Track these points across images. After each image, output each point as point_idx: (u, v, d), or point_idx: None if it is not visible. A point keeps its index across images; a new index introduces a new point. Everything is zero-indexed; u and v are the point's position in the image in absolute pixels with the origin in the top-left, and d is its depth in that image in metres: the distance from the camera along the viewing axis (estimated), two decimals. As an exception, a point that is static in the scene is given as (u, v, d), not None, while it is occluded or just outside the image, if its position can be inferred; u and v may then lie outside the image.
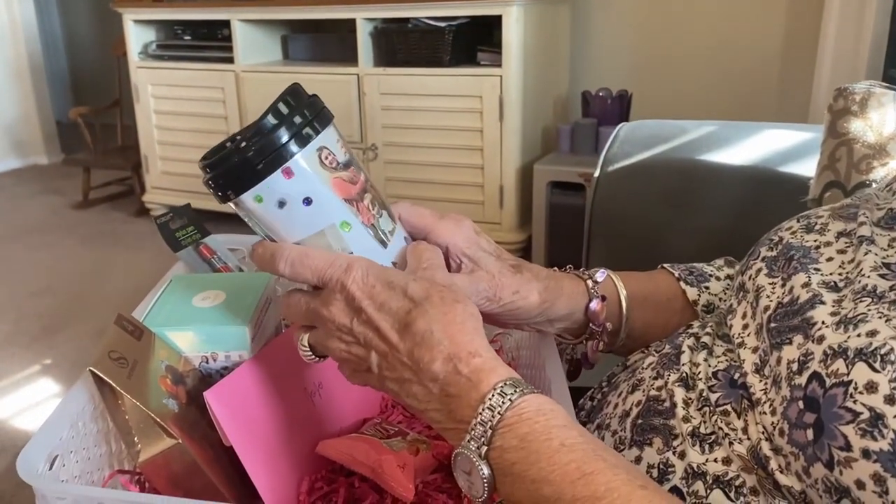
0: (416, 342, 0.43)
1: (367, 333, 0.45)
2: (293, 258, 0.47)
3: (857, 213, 0.52)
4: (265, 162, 0.44)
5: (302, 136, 0.45)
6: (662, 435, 0.50)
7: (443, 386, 0.43)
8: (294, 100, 0.46)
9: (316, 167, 0.46)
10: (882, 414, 0.37)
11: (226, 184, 0.45)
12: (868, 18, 2.03)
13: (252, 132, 0.45)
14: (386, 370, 0.45)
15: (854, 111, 0.83)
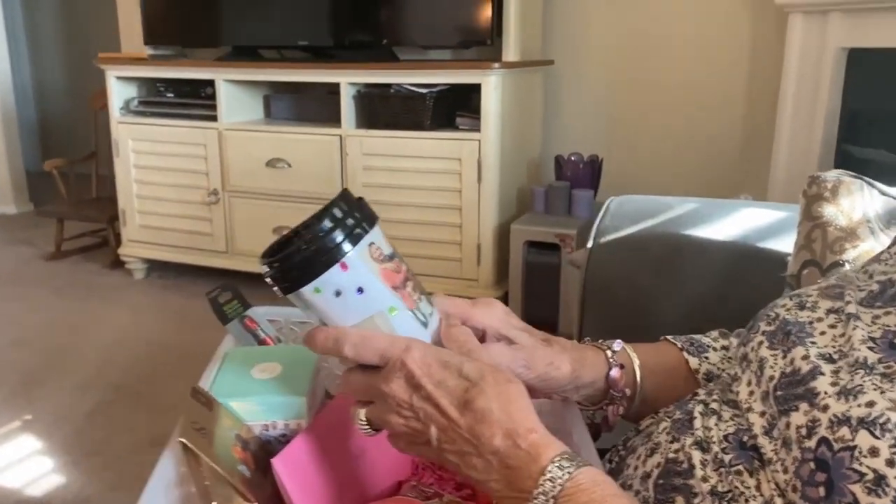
0: (477, 419, 0.50)
1: (426, 408, 0.51)
2: (356, 341, 0.53)
3: (843, 293, 0.61)
4: (325, 259, 0.51)
5: (354, 235, 0.52)
6: (684, 494, 0.56)
7: (502, 459, 0.49)
8: (346, 203, 0.53)
9: (367, 260, 0.53)
10: (884, 475, 0.44)
11: (290, 278, 0.52)
12: (822, 96, 2.19)
13: (312, 233, 0.51)
14: (445, 443, 0.51)
15: (826, 197, 0.94)
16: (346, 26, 2.78)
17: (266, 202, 2.78)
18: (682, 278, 1.10)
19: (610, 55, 2.76)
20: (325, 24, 2.79)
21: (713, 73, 2.62)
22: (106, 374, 2.22)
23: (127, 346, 2.43)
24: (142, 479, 0.56)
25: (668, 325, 0.82)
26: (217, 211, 2.86)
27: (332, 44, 2.77)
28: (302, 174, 2.70)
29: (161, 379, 2.20)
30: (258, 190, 2.78)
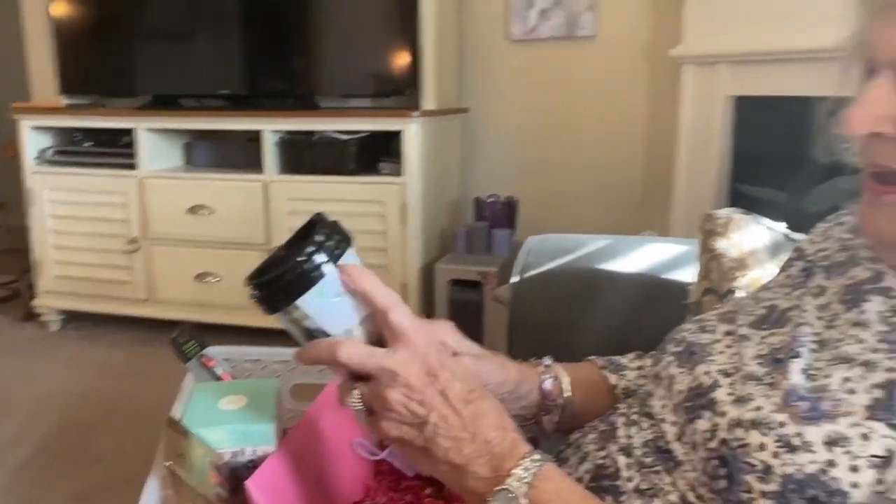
0: (478, 414, 0.58)
1: (434, 396, 0.58)
2: (351, 350, 0.59)
3: (736, 318, 0.72)
4: (317, 273, 0.58)
5: (339, 252, 0.60)
6: (612, 494, 0.65)
7: (492, 448, 0.58)
8: (325, 226, 0.61)
9: (360, 264, 0.61)
10: (771, 465, 0.54)
11: (283, 295, 0.58)
12: (714, 140, 2.40)
13: (308, 245, 0.58)
14: (442, 431, 0.58)
15: (720, 232, 1.07)
16: (266, 75, 2.84)
17: (188, 249, 2.78)
18: (598, 308, 1.21)
19: (521, 103, 2.93)
20: (245, 73, 2.85)
21: (617, 120, 2.82)
22: (31, 430, 2.16)
23: (50, 399, 2.36)
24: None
25: (588, 352, 0.92)
26: (137, 259, 2.83)
27: (253, 92, 2.82)
28: (225, 220, 2.72)
29: (87, 431, 2.15)
30: (180, 237, 2.77)
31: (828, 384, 0.56)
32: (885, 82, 0.55)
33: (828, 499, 0.51)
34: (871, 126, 0.56)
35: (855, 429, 0.52)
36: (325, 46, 2.78)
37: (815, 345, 0.62)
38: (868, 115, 0.55)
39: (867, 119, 0.56)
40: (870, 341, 0.58)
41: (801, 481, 0.52)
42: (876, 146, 0.57)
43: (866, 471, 0.51)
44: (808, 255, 0.75)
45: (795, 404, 0.56)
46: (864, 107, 0.56)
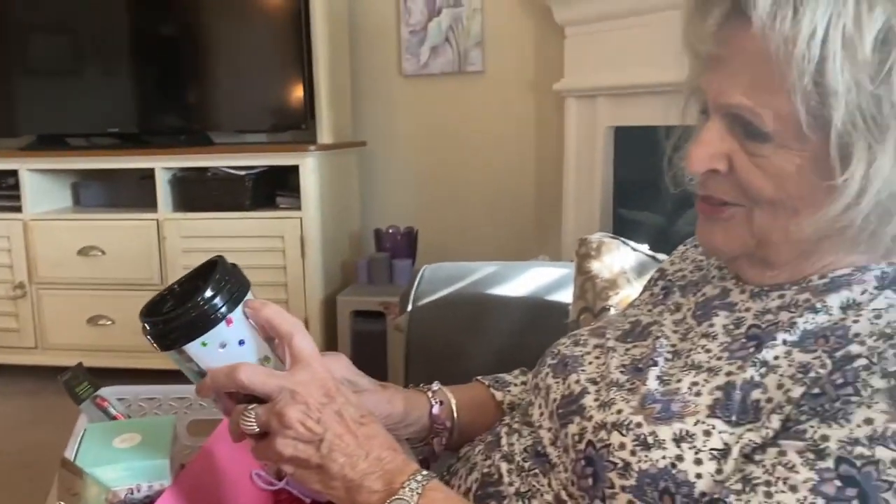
0: (369, 435, 0.62)
1: (331, 416, 0.61)
2: (249, 371, 0.61)
3: (605, 332, 0.79)
4: (215, 316, 0.61)
5: (237, 296, 0.62)
6: (496, 499, 0.71)
7: (384, 465, 0.61)
8: (225, 270, 0.63)
9: (243, 318, 0.63)
10: (629, 462, 0.61)
11: (179, 334, 0.60)
12: (597, 168, 2.54)
13: (210, 287, 0.60)
14: (337, 449, 0.61)
15: (593, 255, 1.15)
16: (158, 111, 2.81)
17: (79, 292, 2.69)
18: (489, 331, 1.27)
19: (417, 136, 3.01)
20: (136, 110, 2.80)
21: (508, 151, 2.94)
22: None
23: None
24: None
25: (480, 372, 0.98)
26: (24, 305, 2.71)
27: (145, 129, 2.78)
28: (117, 261, 2.65)
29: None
30: (70, 280, 2.68)
31: (679, 388, 0.64)
32: (716, 125, 0.63)
33: (676, 490, 0.58)
34: (707, 164, 0.64)
35: (699, 426, 0.60)
36: (219, 82, 2.78)
37: (671, 354, 0.70)
38: (704, 154, 0.64)
39: (704, 158, 0.64)
40: (715, 350, 0.66)
41: (655, 475, 0.59)
42: (711, 181, 0.66)
43: (708, 463, 0.58)
44: (668, 274, 0.84)
45: (651, 406, 0.63)
46: (700, 146, 0.64)
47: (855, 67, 0.54)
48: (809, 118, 0.57)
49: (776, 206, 0.62)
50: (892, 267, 0.63)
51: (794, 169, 0.60)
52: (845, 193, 0.57)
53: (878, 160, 0.56)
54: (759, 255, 0.67)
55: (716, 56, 0.63)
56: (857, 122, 0.55)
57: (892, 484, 0.51)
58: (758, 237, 0.65)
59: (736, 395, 0.60)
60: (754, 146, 0.61)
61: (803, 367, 0.58)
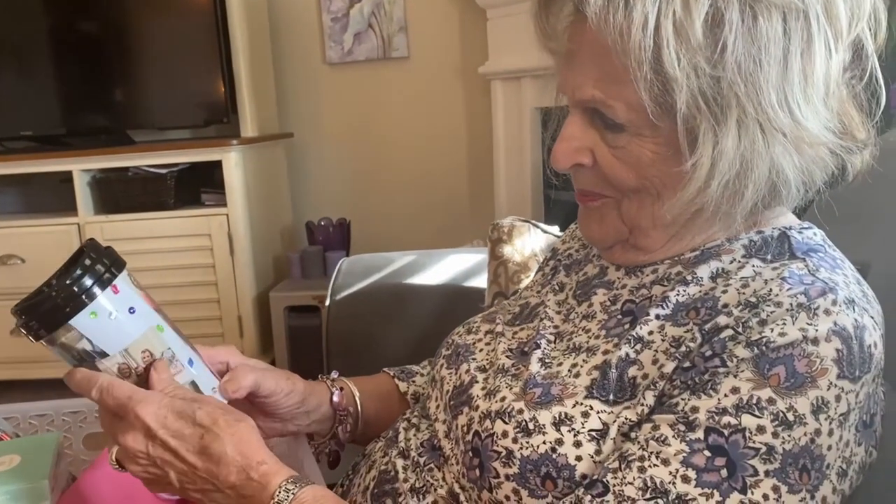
0: (213, 461, 0.59)
1: (164, 456, 0.60)
2: (103, 385, 0.60)
3: (496, 317, 0.79)
4: (99, 284, 0.60)
5: (120, 263, 0.62)
6: (392, 497, 0.70)
7: (239, 491, 0.59)
8: (96, 246, 0.62)
9: (131, 285, 0.63)
10: (511, 450, 0.60)
11: (62, 309, 0.59)
12: (526, 150, 2.55)
13: (75, 270, 0.59)
14: (188, 484, 0.60)
15: (504, 239, 1.15)
16: (75, 112, 2.70)
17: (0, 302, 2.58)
18: (407, 320, 1.26)
19: (344, 125, 2.97)
20: (52, 111, 2.69)
21: (437, 137, 2.92)
22: None
23: None
24: None
25: (401, 362, 0.97)
26: (-60, 319, 2.60)
27: (63, 131, 2.67)
28: (39, 268, 2.54)
29: None
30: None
31: (559, 371, 0.64)
32: (577, 118, 0.63)
33: (558, 474, 0.58)
34: (572, 159, 0.64)
35: (577, 408, 0.60)
36: (138, 79, 2.70)
37: (553, 336, 0.70)
38: (568, 150, 0.64)
39: (568, 153, 0.64)
40: (593, 330, 0.66)
41: (536, 461, 0.59)
42: (579, 175, 0.66)
43: (587, 444, 0.58)
44: (558, 253, 0.84)
45: (532, 391, 0.63)
46: (562, 142, 0.64)
47: (690, 52, 0.54)
48: (655, 106, 0.57)
49: (641, 194, 0.63)
50: (759, 235, 0.63)
51: (651, 157, 0.60)
52: (695, 177, 0.57)
53: (721, 142, 0.56)
54: (632, 242, 0.67)
55: (568, 52, 0.63)
56: (700, 106, 0.56)
57: (758, 451, 0.52)
58: (629, 225, 0.65)
59: (612, 373, 0.60)
60: (612, 137, 0.61)
61: (676, 341, 0.59)
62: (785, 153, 0.57)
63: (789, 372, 0.53)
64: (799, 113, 0.55)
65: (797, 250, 0.61)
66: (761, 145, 0.56)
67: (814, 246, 0.62)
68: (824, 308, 0.54)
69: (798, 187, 0.59)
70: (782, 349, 0.53)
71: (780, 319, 0.54)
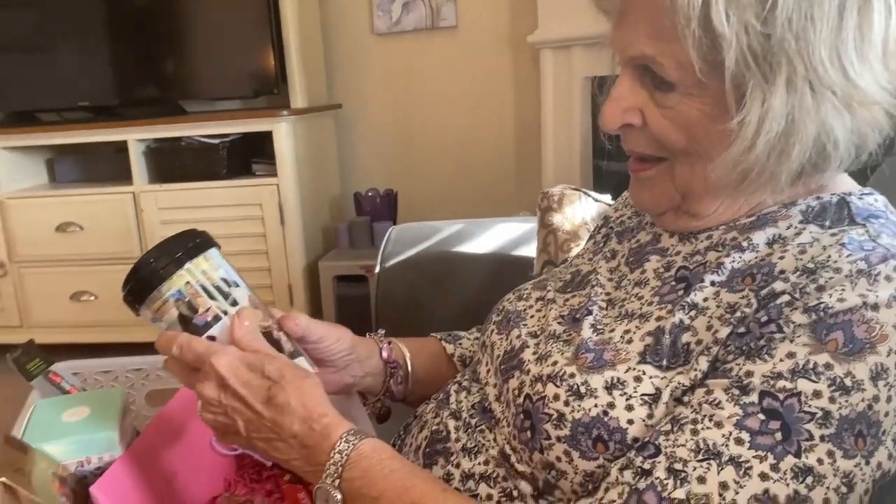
0: (278, 411, 0.62)
1: (233, 404, 0.62)
2: (182, 342, 0.63)
3: (547, 284, 0.79)
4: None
5: (211, 241, 0.69)
6: (444, 455, 0.71)
7: (301, 441, 0.61)
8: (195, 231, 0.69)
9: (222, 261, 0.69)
10: (563, 413, 0.61)
11: (208, 240, 0.68)
12: (575, 120, 2.52)
13: (193, 235, 0.68)
14: (253, 432, 0.62)
15: (554, 208, 1.15)
16: (130, 83, 2.76)
17: (60, 268, 2.68)
18: (454, 288, 1.27)
19: (392, 96, 2.97)
20: (107, 83, 2.75)
21: (485, 107, 2.90)
22: None
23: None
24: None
25: (448, 330, 0.98)
26: (6, 284, 2.71)
27: (117, 102, 2.74)
28: (96, 235, 2.64)
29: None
30: (50, 257, 2.67)
31: (611, 337, 0.64)
32: (627, 78, 0.63)
33: (609, 436, 0.58)
34: (621, 120, 0.64)
35: (630, 373, 0.60)
36: (190, 50, 2.74)
37: (605, 303, 0.70)
38: (616, 110, 0.63)
39: (617, 113, 0.64)
40: (646, 297, 0.66)
41: (587, 424, 0.59)
42: (629, 136, 0.65)
43: (639, 408, 0.58)
44: (610, 221, 0.83)
45: (584, 356, 0.63)
46: (613, 102, 0.63)
47: (739, 9, 0.54)
48: (703, 64, 0.56)
49: (691, 156, 0.62)
50: (817, 201, 0.62)
51: (699, 116, 0.60)
52: (741, 136, 0.57)
53: (769, 100, 0.55)
54: (685, 208, 0.67)
55: (621, 10, 0.63)
56: (749, 64, 0.55)
57: (814, 415, 0.51)
58: (682, 190, 0.65)
59: (665, 339, 0.60)
60: (662, 97, 0.61)
61: (731, 307, 0.58)
62: (835, 113, 0.55)
63: (848, 337, 0.52)
64: (852, 71, 0.54)
65: (857, 216, 0.60)
66: (810, 104, 0.55)
67: (875, 212, 0.61)
68: (885, 274, 0.54)
69: (848, 149, 0.58)
70: (841, 315, 0.53)
71: (839, 285, 0.54)
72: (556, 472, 0.61)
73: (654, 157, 0.65)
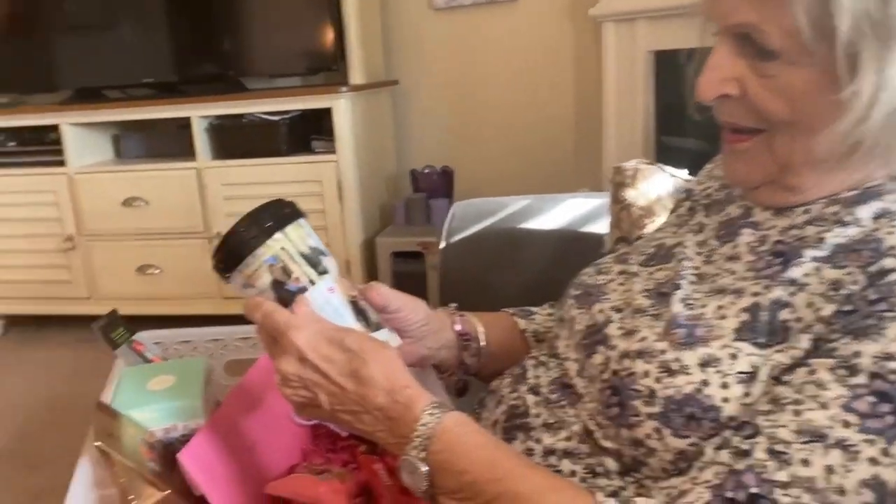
0: (362, 384, 0.61)
1: (314, 378, 0.62)
2: (266, 310, 0.64)
3: (629, 258, 0.77)
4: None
5: (301, 213, 0.69)
6: (523, 431, 0.70)
7: (386, 413, 0.61)
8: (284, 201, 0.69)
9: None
10: (654, 390, 0.59)
11: (296, 210, 0.68)
12: (638, 94, 2.46)
13: (283, 204, 0.68)
14: (337, 405, 0.62)
15: (628, 183, 1.12)
16: (191, 60, 2.80)
17: (126, 242, 2.75)
18: (520, 265, 1.26)
19: (449, 72, 2.95)
20: (169, 60, 2.80)
21: (544, 81, 2.86)
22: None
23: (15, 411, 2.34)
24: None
25: (513, 306, 0.97)
26: (74, 257, 2.79)
27: (178, 78, 2.78)
28: (161, 210, 2.70)
29: (37, 434, 2.14)
30: (117, 231, 2.74)
31: (704, 313, 0.62)
32: (725, 47, 0.60)
33: (703, 414, 0.57)
34: (718, 90, 0.61)
35: (724, 350, 0.58)
36: (250, 27, 2.76)
37: (695, 277, 0.68)
38: (714, 80, 0.61)
39: (714, 83, 0.61)
40: (740, 271, 0.64)
41: (680, 401, 0.58)
42: (726, 107, 0.63)
43: (735, 386, 0.57)
44: (694, 194, 0.81)
45: (675, 332, 0.61)
46: (710, 72, 0.61)
47: None
48: (812, 30, 0.54)
49: (793, 128, 0.59)
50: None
51: (804, 85, 0.57)
52: (854, 107, 0.54)
53: (887, 69, 0.52)
54: (782, 183, 0.64)
55: None
56: (864, 30, 0.52)
57: None
58: (780, 163, 0.62)
59: (763, 316, 0.58)
60: (763, 66, 0.58)
61: (834, 284, 0.56)
62: None
63: None
64: None
65: None
66: None
67: None
68: None
69: None
70: None
71: None
72: (646, 450, 0.60)
73: (750, 129, 0.63)
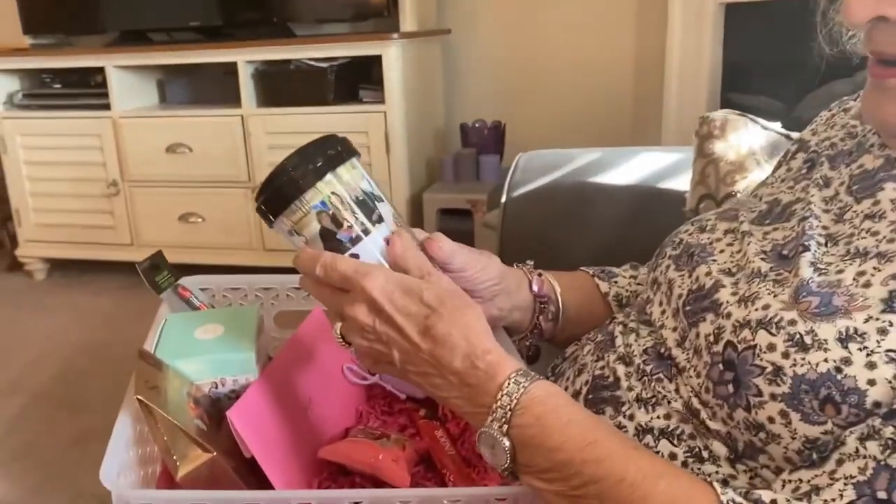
0: (437, 343, 0.53)
1: (388, 332, 0.55)
2: (326, 262, 0.56)
3: (738, 215, 0.68)
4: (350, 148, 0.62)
5: (355, 152, 0.63)
6: (612, 404, 0.62)
7: (462, 378, 0.53)
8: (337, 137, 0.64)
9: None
10: (781, 366, 0.51)
11: (350, 148, 0.62)
12: (705, 49, 2.32)
13: (334, 141, 0.62)
14: (408, 364, 0.55)
15: (716, 135, 1.02)
16: (237, 4, 2.72)
17: (169, 189, 2.71)
18: (591, 223, 1.16)
19: (503, 22, 2.82)
20: (215, 3, 2.72)
21: (603, 34, 2.72)
22: (23, 379, 2.14)
23: (40, 348, 2.33)
24: (66, 479, 0.57)
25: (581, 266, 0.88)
26: (118, 203, 2.76)
27: (225, 22, 2.70)
28: (205, 158, 2.64)
29: (79, 378, 2.13)
30: (160, 177, 2.70)
31: (841, 279, 0.53)
32: None
33: (843, 398, 0.48)
34: (873, 11, 0.51)
35: (871, 323, 0.49)
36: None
37: (824, 238, 0.58)
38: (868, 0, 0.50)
39: (868, 3, 0.50)
40: (884, 232, 0.54)
41: (814, 381, 0.49)
42: (878, 31, 0.52)
43: (884, 367, 0.47)
44: (810, 145, 0.71)
45: (806, 300, 0.52)
46: None
47: None
48: None
49: None
50: None
51: None
52: None
53: None
54: None
55: None
56: None
57: None
58: None
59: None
60: None
61: None
62: None
63: None
64: None
65: None
66: None
67: None
68: None
69: None
70: None
71: None
72: (766, 435, 0.51)
73: None
